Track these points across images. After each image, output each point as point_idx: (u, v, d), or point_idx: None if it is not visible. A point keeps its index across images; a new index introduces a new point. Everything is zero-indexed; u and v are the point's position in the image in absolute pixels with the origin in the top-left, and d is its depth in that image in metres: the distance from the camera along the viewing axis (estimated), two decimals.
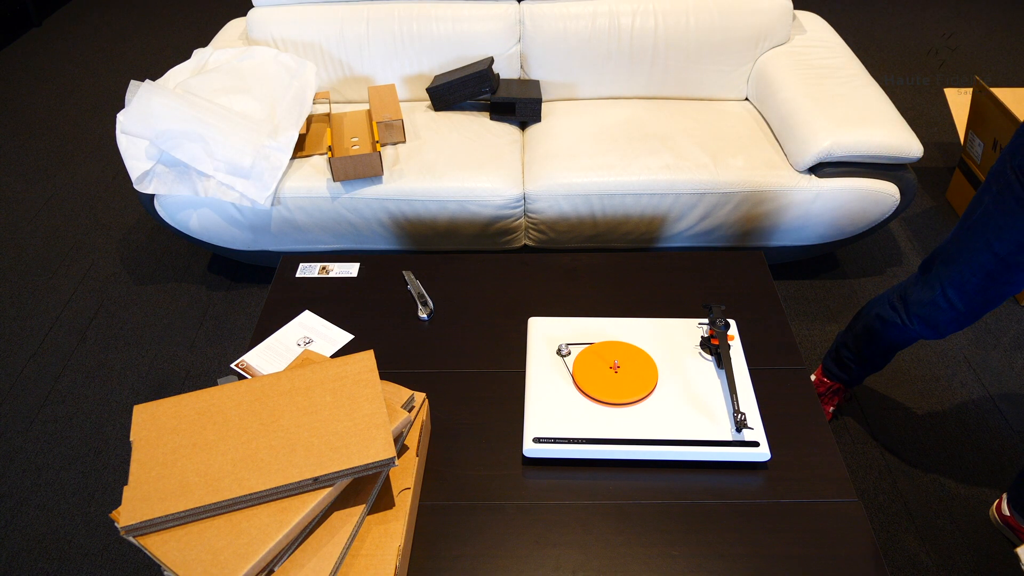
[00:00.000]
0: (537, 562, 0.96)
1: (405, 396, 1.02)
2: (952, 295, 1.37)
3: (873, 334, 1.57)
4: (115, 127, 3.02)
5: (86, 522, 1.62)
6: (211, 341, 2.04)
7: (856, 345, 1.62)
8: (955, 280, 1.36)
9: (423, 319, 1.32)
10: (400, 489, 0.97)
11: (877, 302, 1.56)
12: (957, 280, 1.35)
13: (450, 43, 2.17)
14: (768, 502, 1.02)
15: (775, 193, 1.91)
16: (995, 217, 1.25)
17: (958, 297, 1.36)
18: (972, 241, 1.31)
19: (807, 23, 2.32)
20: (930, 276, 1.41)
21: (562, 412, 1.09)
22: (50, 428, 1.82)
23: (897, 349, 1.58)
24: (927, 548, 1.53)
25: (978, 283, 1.32)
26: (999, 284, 1.30)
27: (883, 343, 1.56)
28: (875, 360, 1.62)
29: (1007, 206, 1.23)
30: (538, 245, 2.08)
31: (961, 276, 1.34)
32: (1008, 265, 1.27)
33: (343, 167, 1.84)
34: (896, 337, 1.54)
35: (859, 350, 1.62)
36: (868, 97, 1.95)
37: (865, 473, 1.67)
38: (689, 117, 2.11)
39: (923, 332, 1.47)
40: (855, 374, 1.67)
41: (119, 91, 3.28)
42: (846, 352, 1.66)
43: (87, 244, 2.40)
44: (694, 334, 1.21)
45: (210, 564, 0.80)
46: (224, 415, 0.93)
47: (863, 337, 1.60)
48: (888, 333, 1.54)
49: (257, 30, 2.19)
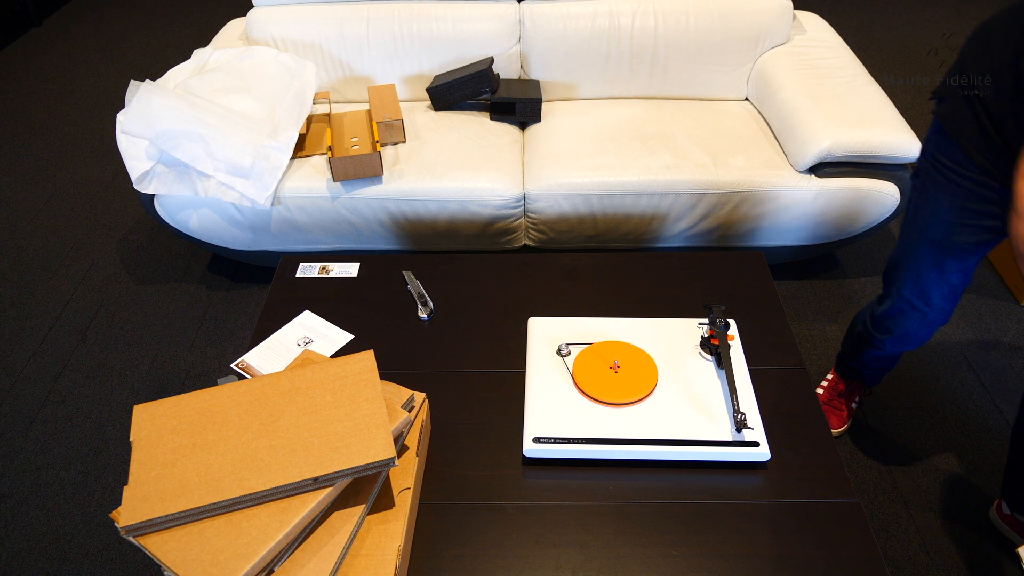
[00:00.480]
0: (537, 562, 0.96)
1: (405, 396, 1.02)
2: (911, 296, 1.40)
3: (863, 348, 1.60)
4: (115, 127, 3.02)
5: (86, 522, 1.62)
6: (211, 341, 2.04)
7: (854, 354, 1.65)
8: (908, 282, 1.39)
9: (423, 319, 1.32)
10: (400, 489, 0.97)
11: (859, 318, 1.60)
12: (910, 281, 1.38)
13: (450, 43, 2.17)
14: (768, 502, 1.02)
15: (775, 193, 1.91)
16: (922, 208, 1.30)
17: (916, 297, 1.39)
18: (910, 238, 1.35)
19: (807, 23, 2.32)
20: (888, 288, 1.45)
21: (562, 412, 1.09)
22: (50, 428, 1.82)
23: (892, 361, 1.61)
24: (927, 548, 1.53)
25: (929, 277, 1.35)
26: (948, 272, 1.33)
27: (875, 357, 1.60)
28: (876, 368, 1.64)
29: (929, 193, 1.27)
30: (538, 245, 2.08)
31: (913, 275, 1.37)
32: (948, 248, 1.29)
33: (343, 167, 1.84)
34: (882, 355, 1.57)
35: (858, 359, 1.65)
36: (868, 97, 1.95)
37: (865, 473, 1.67)
38: (689, 117, 2.11)
39: (898, 346, 1.50)
40: (866, 377, 1.69)
41: (119, 91, 3.28)
42: (849, 360, 1.69)
43: (87, 244, 2.40)
44: (694, 334, 1.21)
45: (210, 564, 0.80)
46: (224, 415, 0.93)
47: (858, 349, 1.63)
48: (874, 352, 1.58)
49: (257, 30, 2.19)
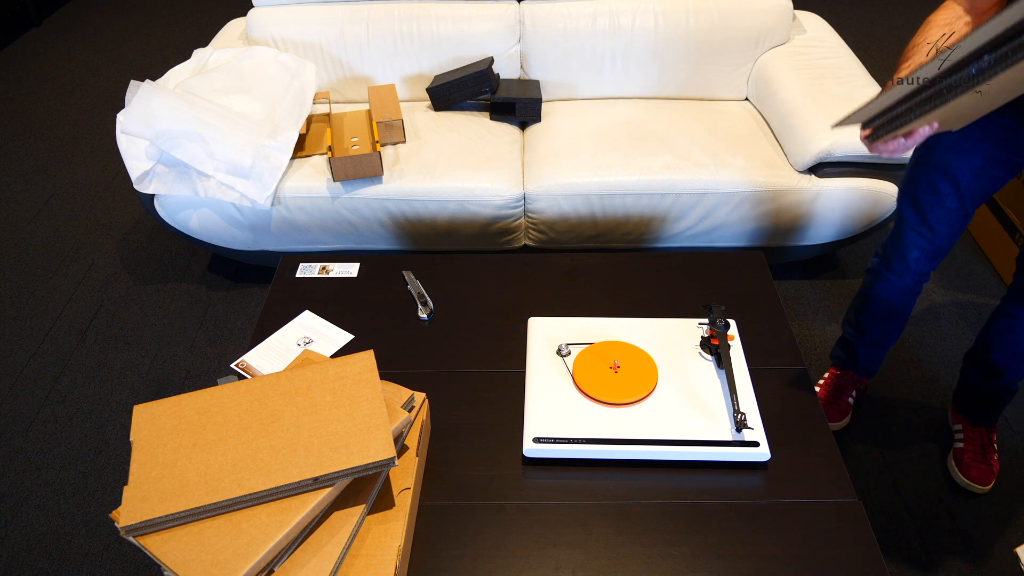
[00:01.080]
0: (537, 562, 0.96)
1: (405, 396, 1.02)
2: (906, 212, 1.45)
3: (867, 296, 1.61)
4: (115, 127, 3.02)
5: (86, 522, 1.62)
6: (211, 341, 2.04)
7: (856, 317, 1.66)
8: (906, 194, 1.44)
9: (423, 319, 1.32)
10: (400, 489, 0.97)
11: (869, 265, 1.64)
12: (908, 193, 1.43)
13: (450, 43, 2.17)
14: (768, 502, 1.02)
15: (775, 193, 1.91)
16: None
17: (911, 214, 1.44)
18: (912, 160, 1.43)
19: (807, 23, 2.32)
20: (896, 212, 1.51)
21: (562, 412, 1.09)
22: (50, 428, 1.82)
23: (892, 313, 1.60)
24: (927, 548, 1.53)
25: (920, 182, 1.40)
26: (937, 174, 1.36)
27: (877, 304, 1.60)
28: (873, 331, 1.64)
29: None
30: (538, 245, 2.08)
31: (908, 185, 1.43)
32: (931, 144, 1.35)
33: (343, 167, 1.84)
34: (884, 291, 1.57)
35: (858, 322, 1.65)
36: (868, 97, 1.95)
37: (865, 473, 1.67)
38: (689, 117, 2.11)
39: (897, 267, 1.52)
40: (861, 354, 1.69)
41: (119, 91, 3.28)
42: (848, 329, 1.70)
43: (87, 244, 2.40)
44: (694, 334, 1.21)
45: (210, 564, 0.80)
46: (224, 415, 0.93)
47: (860, 304, 1.64)
48: (877, 287, 1.58)
49: (257, 30, 2.19)
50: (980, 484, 1.61)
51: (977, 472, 1.62)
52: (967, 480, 1.61)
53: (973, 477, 1.61)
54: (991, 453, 1.65)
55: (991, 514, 1.59)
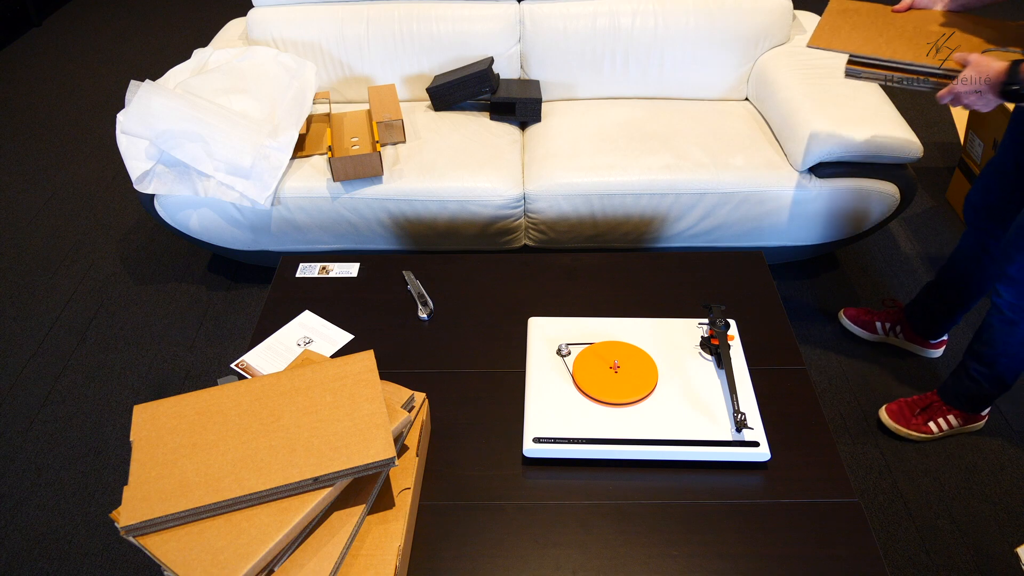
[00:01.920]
0: (537, 562, 0.96)
1: (405, 396, 1.02)
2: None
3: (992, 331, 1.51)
4: (115, 127, 3.02)
5: (86, 522, 1.62)
6: (211, 341, 2.05)
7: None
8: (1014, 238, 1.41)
9: (423, 319, 1.32)
10: (400, 489, 0.97)
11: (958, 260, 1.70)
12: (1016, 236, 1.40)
13: (450, 43, 2.17)
14: (768, 502, 1.02)
15: (775, 193, 1.91)
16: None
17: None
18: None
19: (807, 23, 2.32)
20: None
21: (562, 412, 1.09)
22: (50, 428, 1.82)
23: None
24: (927, 548, 1.53)
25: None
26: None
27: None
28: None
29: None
30: (538, 245, 2.08)
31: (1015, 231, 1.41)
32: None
33: (343, 167, 1.85)
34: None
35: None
36: (868, 97, 1.95)
37: (865, 473, 1.67)
38: (689, 117, 2.11)
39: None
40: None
41: (119, 91, 3.29)
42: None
43: (87, 244, 2.40)
44: (694, 334, 1.21)
45: (210, 564, 0.80)
46: (224, 415, 0.93)
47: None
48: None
49: (257, 30, 2.19)
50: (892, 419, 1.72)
51: (896, 408, 1.72)
52: (886, 415, 1.73)
53: (891, 411, 1.73)
54: (925, 416, 1.70)
55: (991, 514, 1.59)
